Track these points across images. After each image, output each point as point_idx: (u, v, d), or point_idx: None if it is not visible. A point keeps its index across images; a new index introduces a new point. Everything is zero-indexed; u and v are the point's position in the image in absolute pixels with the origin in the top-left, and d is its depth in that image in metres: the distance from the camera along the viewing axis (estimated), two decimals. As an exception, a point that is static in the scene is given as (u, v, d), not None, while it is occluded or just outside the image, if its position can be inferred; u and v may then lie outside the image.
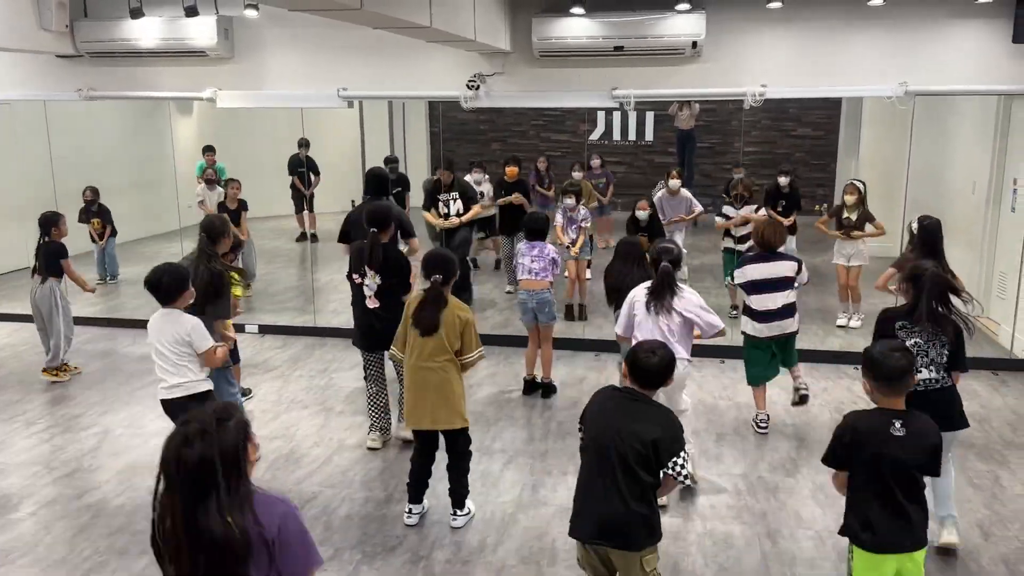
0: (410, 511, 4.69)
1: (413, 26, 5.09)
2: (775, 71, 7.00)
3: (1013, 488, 5.10)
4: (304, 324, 8.50)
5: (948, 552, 4.34)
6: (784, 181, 8.73)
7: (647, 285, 4.83)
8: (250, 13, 7.35)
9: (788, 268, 5.73)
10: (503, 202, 9.09)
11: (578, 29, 6.88)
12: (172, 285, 4.30)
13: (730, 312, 8.11)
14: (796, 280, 5.75)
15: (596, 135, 12.99)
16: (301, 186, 11.03)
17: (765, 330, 5.75)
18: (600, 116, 12.88)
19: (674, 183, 8.66)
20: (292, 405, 6.49)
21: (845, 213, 7.98)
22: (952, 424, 4.09)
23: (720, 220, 8.32)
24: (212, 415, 2.18)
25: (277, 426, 6.06)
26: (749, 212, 8.16)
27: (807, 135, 12.60)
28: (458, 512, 4.68)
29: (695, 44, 6.85)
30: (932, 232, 5.43)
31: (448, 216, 8.29)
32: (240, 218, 9.18)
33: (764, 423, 5.88)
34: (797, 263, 5.78)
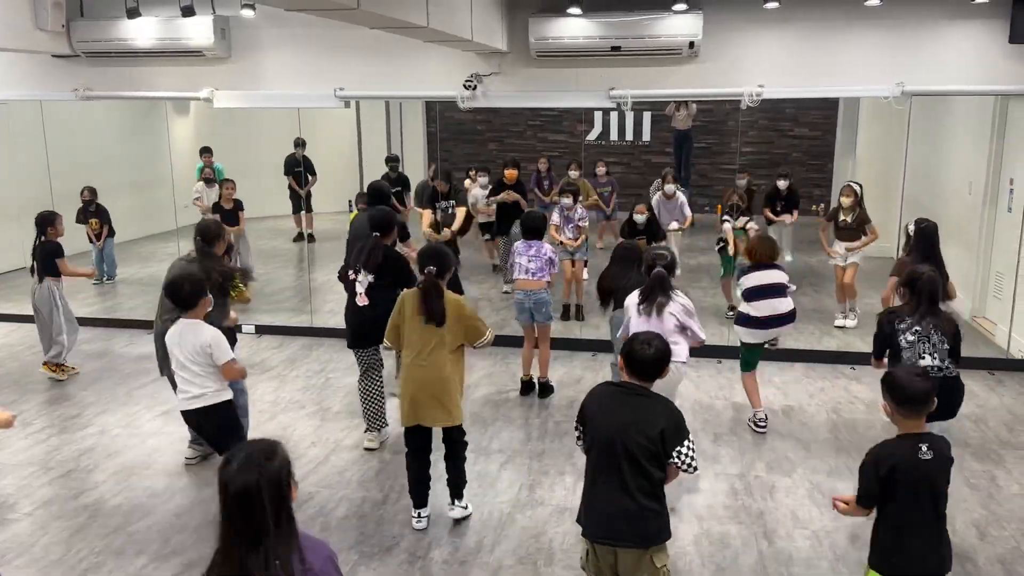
0: (418, 515, 4.63)
1: (410, 26, 5.09)
2: (772, 71, 7.01)
3: (1009, 488, 5.11)
4: (301, 324, 8.50)
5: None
6: (783, 184, 9.00)
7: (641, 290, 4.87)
8: (247, 13, 7.34)
9: (783, 276, 5.83)
10: (497, 199, 9.10)
11: (575, 29, 6.88)
12: (192, 293, 4.30)
13: (727, 313, 8.13)
14: (787, 289, 5.84)
15: (593, 135, 12.98)
16: (297, 186, 11.02)
17: (762, 335, 5.82)
18: (597, 116, 12.86)
19: (669, 188, 8.66)
20: (289, 405, 6.48)
21: (841, 215, 7.98)
22: (951, 412, 4.29)
23: (728, 227, 8.28)
24: (260, 451, 2.23)
25: (274, 426, 6.05)
26: (743, 223, 8.25)
27: (804, 135, 12.59)
28: (456, 502, 4.66)
29: (692, 44, 6.86)
30: (929, 236, 5.45)
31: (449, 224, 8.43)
32: (238, 218, 9.19)
33: (763, 422, 5.89)
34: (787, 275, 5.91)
